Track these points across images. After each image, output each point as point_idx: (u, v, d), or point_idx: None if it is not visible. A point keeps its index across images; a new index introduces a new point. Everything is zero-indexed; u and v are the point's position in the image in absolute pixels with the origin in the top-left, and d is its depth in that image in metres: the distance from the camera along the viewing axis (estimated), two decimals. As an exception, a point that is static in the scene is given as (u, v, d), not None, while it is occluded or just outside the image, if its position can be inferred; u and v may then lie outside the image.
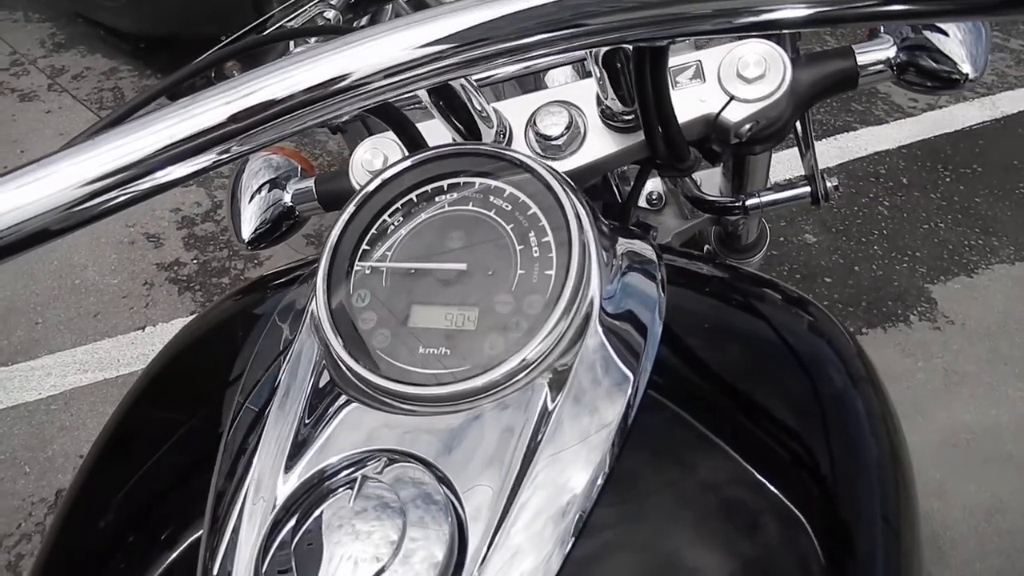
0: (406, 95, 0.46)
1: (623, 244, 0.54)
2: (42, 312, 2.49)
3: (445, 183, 0.53)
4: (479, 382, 0.45)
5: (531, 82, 0.96)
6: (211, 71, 0.76)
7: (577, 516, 0.42)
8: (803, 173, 0.90)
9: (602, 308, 0.48)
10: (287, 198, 0.87)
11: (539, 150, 0.70)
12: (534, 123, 0.70)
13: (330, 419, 0.47)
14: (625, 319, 0.49)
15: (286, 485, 0.45)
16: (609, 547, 0.43)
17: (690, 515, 0.45)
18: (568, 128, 0.69)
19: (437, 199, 0.52)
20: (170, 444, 0.58)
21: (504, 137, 0.71)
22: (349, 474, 0.44)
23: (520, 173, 0.51)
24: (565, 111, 0.70)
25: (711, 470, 0.46)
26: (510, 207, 0.51)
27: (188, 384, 0.65)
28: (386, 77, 0.42)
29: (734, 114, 0.66)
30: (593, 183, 0.83)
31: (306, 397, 0.49)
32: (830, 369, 0.56)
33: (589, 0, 0.40)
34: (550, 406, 0.45)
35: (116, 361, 2.32)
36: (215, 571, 0.43)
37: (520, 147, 0.71)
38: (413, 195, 0.53)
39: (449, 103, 0.61)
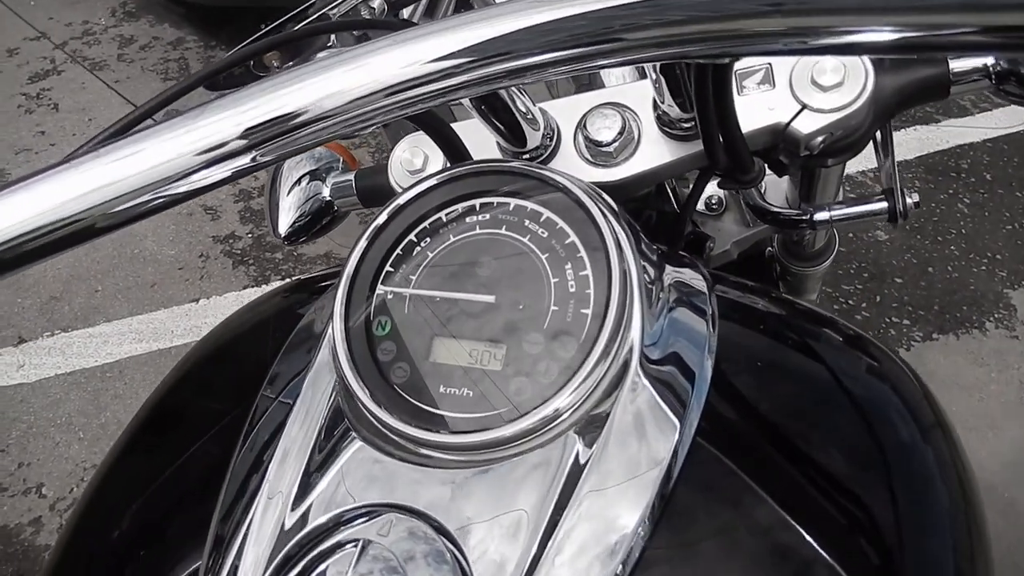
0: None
1: (671, 274, 0.49)
2: (101, 280, 2.55)
3: (477, 202, 0.48)
4: (502, 432, 0.40)
5: (586, 78, 0.90)
6: (250, 61, 0.73)
7: None
8: (880, 184, 0.83)
9: (643, 354, 0.43)
10: (326, 192, 0.83)
11: (588, 156, 0.65)
12: (584, 126, 0.65)
13: (340, 459, 0.43)
14: (670, 363, 0.44)
15: (287, 532, 0.41)
16: None
17: None
18: (621, 133, 0.63)
19: (468, 219, 0.48)
20: (191, 448, 0.57)
21: (552, 140, 0.65)
22: (354, 530, 0.40)
23: (559, 195, 0.46)
24: (618, 115, 0.64)
25: (766, 535, 0.41)
26: (546, 233, 0.46)
27: (215, 386, 0.64)
28: (426, 84, 0.38)
29: (806, 125, 0.60)
30: (646, 192, 0.77)
31: (318, 431, 0.45)
32: (895, 416, 0.50)
33: (646, 10, 0.34)
34: (582, 462, 0.40)
35: (170, 332, 2.36)
36: None
37: (568, 152, 0.66)
38: (443, 214, 0.48)
39: (491, 106, 0.56)
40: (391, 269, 0.47)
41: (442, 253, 0.47)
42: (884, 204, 0.77)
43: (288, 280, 2.50)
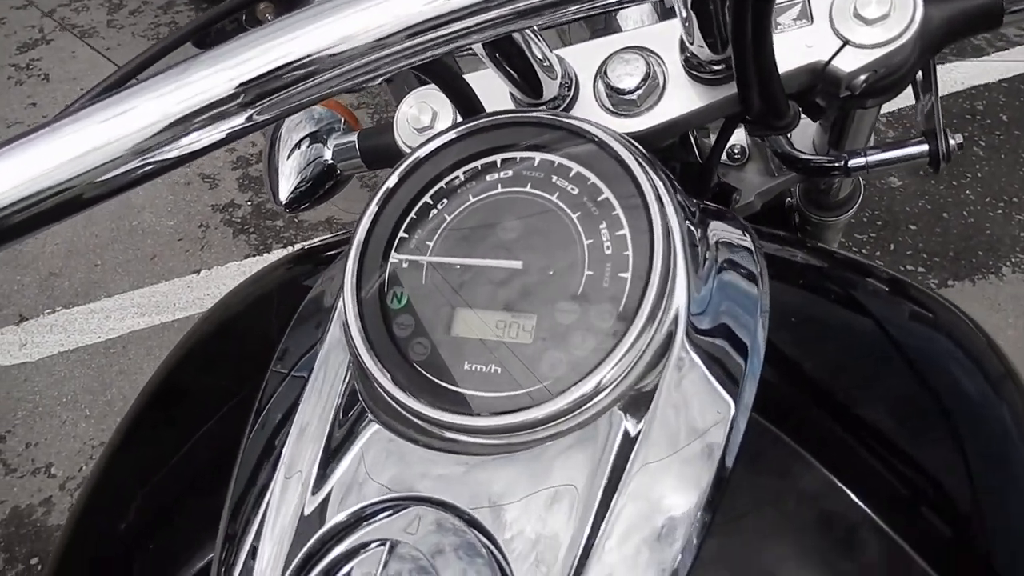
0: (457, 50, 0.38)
1: (715, 231, 0.44)
2: (101, 254, 2.50)
3: (498, 158, 0.43)
4: (538, 412, 0.36)
5: (600, 21, 0.84)
6: (242, 13, 0.67)
7: None
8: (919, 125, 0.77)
9: (691, 323, 0.38)
10: (328, 154, 0.79)
11: (610, 105, 0.60)
12: (604, 73, 0.59)
13: (358, 448, 0.39)
14: (721, 332, 0.40)
15: (304, 531, 0.37)
16: None
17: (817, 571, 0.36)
18: (645, 80, 0.58)
19: (488, 178, 0.43)
20: (199, 429, 0.54)
21: (569, 90, 0.60)
22: (378, 527, 0.36)
23: (590, 147, 0.42)
24: (641, 59, 0.59)
25: (832, 515, 0.37)
26: (576, 190, 0.41)
27: (221, 363, 0.60)
28: (440, 26, 0.35)
29: (848, 63, 0.55)
30: (670, 142, 0.72)
31: (332, 417, 0.41)
32: (964, 372, 0.46)
33: None
34: (630, 441, 0.36)
35: (172, 305, 2.32)
36: None
37: (588, 102, 0.61)
38: (460, 172, 0.44)
39: (504, 52, 0.51)
40: (405, 235, 0.43)
41: (461, 216, 0.42)
42: (925, 147, 0.72)
43: (292, 249, 2.45)
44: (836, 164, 0.74)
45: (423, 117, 0.65)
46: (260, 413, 0.45)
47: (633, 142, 0.42)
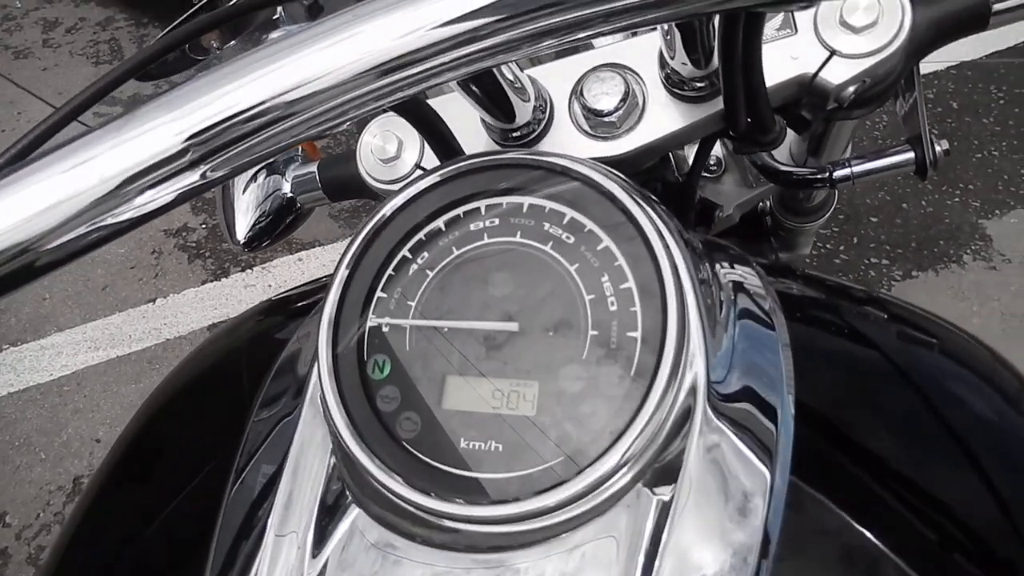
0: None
1: (723, 271, 0.41)
2: (49, 287, 2.39)
3: (482, 204, 0.39)
4: (550, 498, 0.32)
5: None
6: (185, 44, 0.62)
7: None
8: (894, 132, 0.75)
9: (710, 381, 0.35)
10: (287, 187, 0.74)
11: (587, 128, 0.56)
12: (580, 93, 0.56)
13: (347, 548, 0.35)
14: (746, 395, 0.36)
15: None
16: None
17: None
18: (624, 100, 0.54)
19: (472, 227, 0.39)
20: (173, 491, 0.50)
21: (544, 113, 0.57)
22: None
23: (583, 189, 0.38)
24: (619, 77, 0.55)
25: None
26: (572, 239, 0.37)
27: (190, 428, 0.56)
28: (410, 66, 0.31)
29: (836, 74, 0.52)
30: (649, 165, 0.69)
31: (315, 511, 0.36)
32: (1005, 419, 0.43)
33: None
34: (663, 522, 0.32)
35: (128, 337, 2.23)
36: None
37: (563, 125, 0.57)
38: (440, 222, 0.39)
39: (477, 78, 0.47)
40: (383, 294, 0.39)
41: (445, 271, 0.38)
42: (910, 155, 0.69)
43: (251, 272, 2.37)
44: (821, 176, 0.72)
45: (388, 147, 0.61)
46: (232, 504, 0.40)
47: (628, 180, 0.39)
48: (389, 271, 0.39)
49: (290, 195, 0.74)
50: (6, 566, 1.79)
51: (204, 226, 2.57)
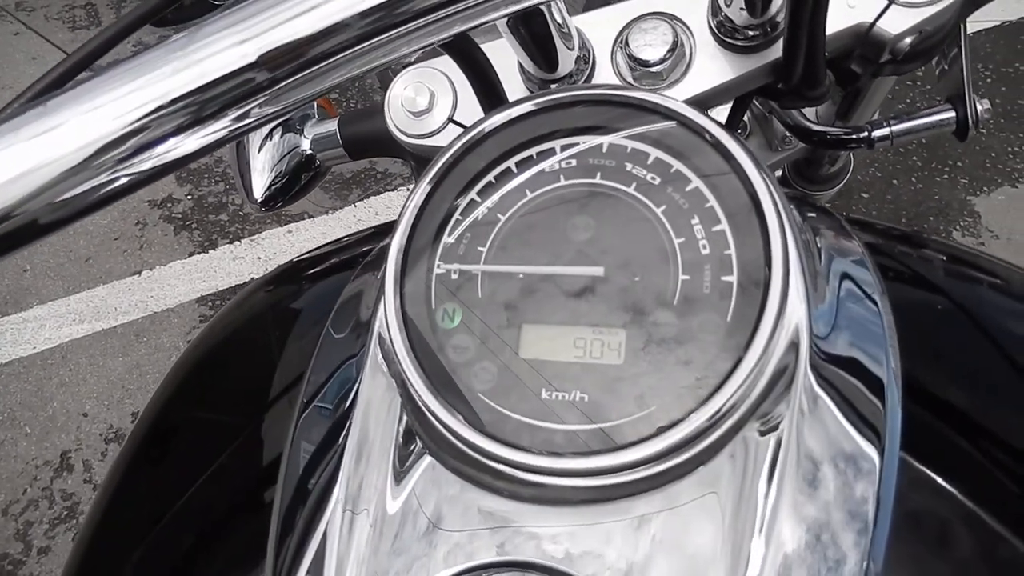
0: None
1: (826, 236, 0.39)
2: (29, 258, 2.33)
3: (556, 144, 0.37)
4: (641, 452, 0.30)
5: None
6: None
7: None
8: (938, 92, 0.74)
9: (815, 347, 0.33)
10: (306, 144, 0.71)
11: (631, 79, 0.54)
12: (625, 43, 0.53)
13: (427, 500, 0.33)
14: (850, 351, 0.35)
15: None
16: None
17: None
18: (672, 50, 0.52)
19: (547, 168, 0.37)
20: (211, 459, 0.48)
21: (586, 63, 0.54)
22: None
23: (670, 127, 0.36)
24: (666, 25, 0.53)
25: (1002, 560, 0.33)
26: (658, 179, 0.35)
27: (229, 385, 0.55)
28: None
29: (894, 24, 0.51)
30: None
31: (390, 462, 0.34)
32: None
33: None
34: (767, 476, 0.31)
35: (113, 309, 2.18)
36: None
37: (605, 76, 0.55)
38: (511, 163, 0.37)
39: (526, 19, 0.45)
40: (450, 240, 0.36)
41: (518, 215, 0.36)
42: (951, 113, 0.68)
43: (239, 244, 2.33)
44: (857, 136, 0.70)
45: (419, 99, 0.58)
46: (293, 466, 0.38)
47: (716, 120, 0.37)
48: (456, 215, 0.37)
49: (309, 152, 0.71)
50: (-7, 542, 1.76)
51: (190, 197, 2.51)
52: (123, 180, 0.30)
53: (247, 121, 0.31)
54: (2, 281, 2.29)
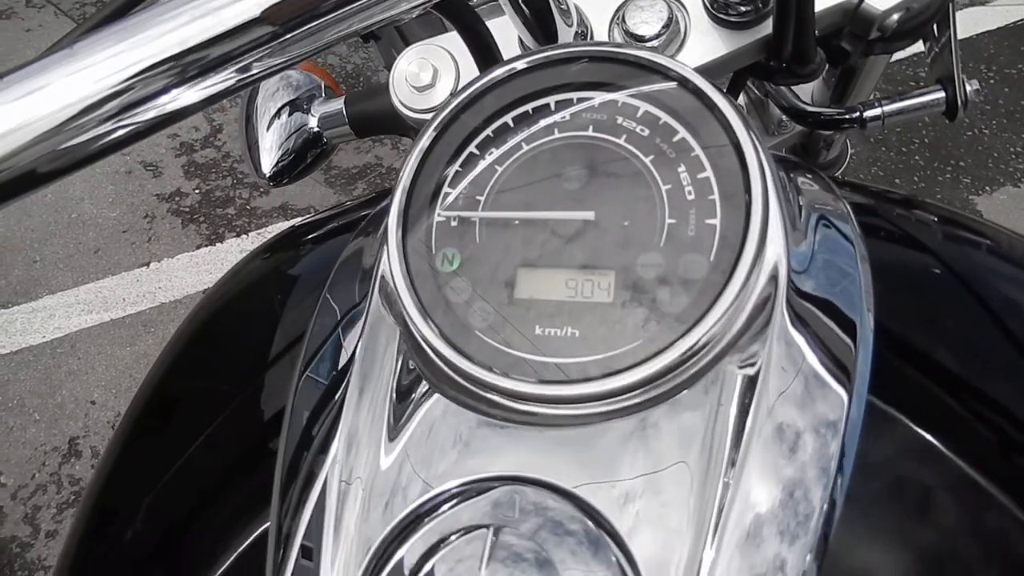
0: None
1: (805, 186, 0.41)
2: (39, 249, 2.36)
3: (551, 100, 0.39)
4: (636, 375, 0.32)
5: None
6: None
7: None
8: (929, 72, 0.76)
9: (792, 284, 0.35)
10: (313, 122, 0.73)
11: None
12: (622, 19, 0.55)
13: (427, 423, 0.35)
14: (824, 294, 0.37)
15: (376, 522, 0.33)
16: None
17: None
18: (667, 25, 0.54)
19: (542, 122, 0.39)
20: (213, 421, 0.50)
21: (584, 39, 0.56)
22: (470, 511, 0.32)
23: (657, 83, 0.38)
24: (663, 3, 0.55)
25: (963, 502, 0.35)
26: (647, 131, 0.37)
27: (230, 349, 0.56)
28: None
29: (881, 1, 0.52)
30: None
31: (390, 395, 0.36)
32: None
33: None
34: (743, 406, 0.32)
35: (121, 300, 2.20)
36: None
37: (603, 51, 0.57)
38: (508, 118, 0.39)
39: None
40: (450, 190, 0.38)
41: (515, 166, 0.38)
42: (941, 94, 0.70)
43: (247, 238, 2.35)
44: (850, 116, 0.72)
45: (423, 75, 0.60)
46: (300, 404, 0.40)
47: (708, 77, 0.39)
48: (456, 167, 0.39)
49: (316, 130, 0.73)
50: (2, 525, 1.78)
51: (198, 191, 2.54)
52: (131, 127, 0.31)
53: (248, 74, 0.33)
54: (13, 271, 2.32)
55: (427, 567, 0.30)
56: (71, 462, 1.85)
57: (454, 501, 0.32)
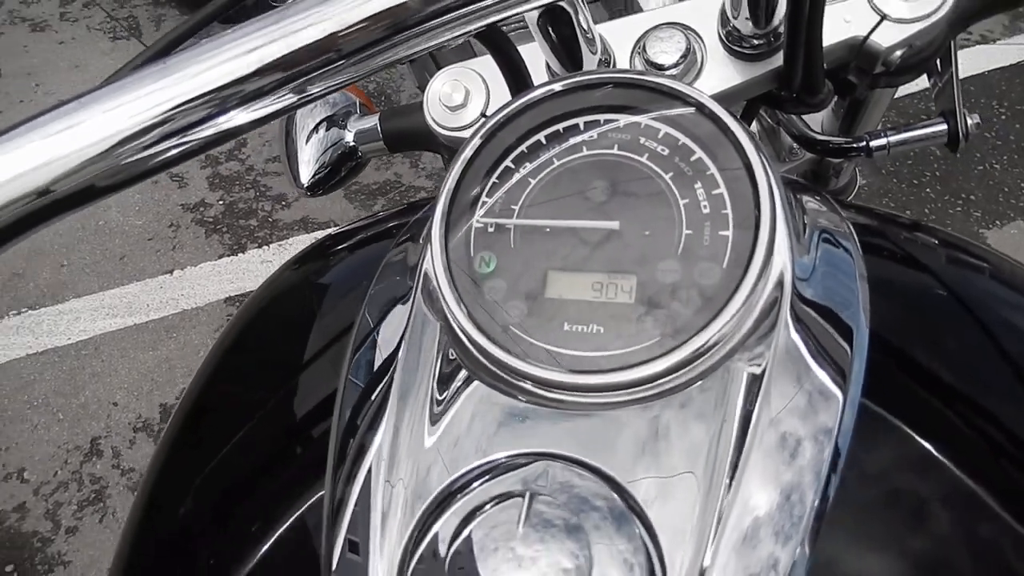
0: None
1: (809, 205, 0.45)
2: (67, 255, 2.42)
3: (580, 120, 0.43)
4: (654, 368, 0.36)
5: (620, 2, 0.85)
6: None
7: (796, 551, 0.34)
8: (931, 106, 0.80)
9: (796, 290, 0.39)
10: (349, 138, 0.78)
11: None
12: (643, 49, 0.60)
13: (467, 408, 0.39)
14: (824, 310, 0.41)
15: (420, 492, 0.37)
16: None
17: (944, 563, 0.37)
18: (685, 56, 0.59)
19: (571, 140, 0.43)
20: (260, 419, 0.53)
21: (608, 66, 0.61)
22: (504, 479, 0.36)
23: (677, 108, 0.42)
24: (680, 34, 0.59)
25: (953, 506, 0.38)
26: (667, 151, 0.41)
27: (271, 351, 0.59)
28: None
29: (885, 37, 0.57)
30: None
31: (432, 382, 0.41)
32: None
33: None
34: (752, 394, 0.36)
35: (145, 306, 2.26)
36: None
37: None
38: (541, 136, 0.44)
39: (555, 20, 0.52)
40: (487, 199, 0.43)
41: (547, 179, 0.43)
42: (943, 126, 0.74)
43: (268, 248, 2.41)
44: (857, 145, 0.76)
45: (456, 95, 0.65)
46: (348, 391, 0.44)
47: (722, 105, 0.43)
48: (493, 179, 0.43)
49: (352, 144, 0.78)
50: (24, 519, 1.82)
51: (221, 202, 2.60)
52: (187, 145, 0.36)
53: (302, 95, 0.38)
54: (41, 275, 2.39)
55: (468, 528, 0.34)
56: (92, 461, 1.90)
57: (491, 474, 0.36)
